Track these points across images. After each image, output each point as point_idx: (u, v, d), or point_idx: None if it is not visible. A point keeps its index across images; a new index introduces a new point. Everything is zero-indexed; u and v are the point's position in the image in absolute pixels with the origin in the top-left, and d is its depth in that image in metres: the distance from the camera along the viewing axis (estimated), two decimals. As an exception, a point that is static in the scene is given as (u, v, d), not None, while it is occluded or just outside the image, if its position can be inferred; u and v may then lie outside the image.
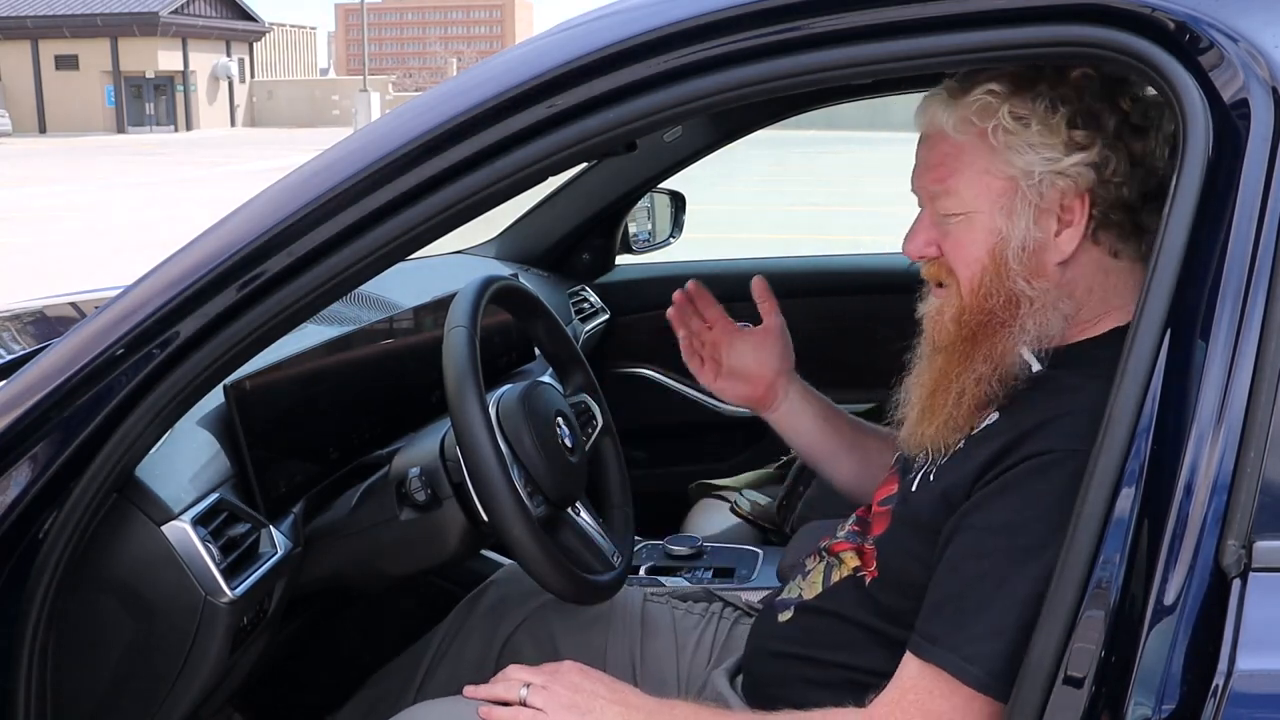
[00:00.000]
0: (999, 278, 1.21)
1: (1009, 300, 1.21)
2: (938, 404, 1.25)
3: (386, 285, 1.90)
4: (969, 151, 1.20)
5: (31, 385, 1.18)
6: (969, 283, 1.23)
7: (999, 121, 1.17)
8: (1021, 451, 1.16)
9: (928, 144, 1.25)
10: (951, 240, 1.24)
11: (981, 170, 1.20)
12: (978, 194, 1.21)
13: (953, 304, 1.25)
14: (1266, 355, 0.92)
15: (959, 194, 1.22)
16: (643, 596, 1.69)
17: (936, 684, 1.14)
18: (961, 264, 1.24)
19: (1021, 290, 1.20)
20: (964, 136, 1.20)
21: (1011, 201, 1.19)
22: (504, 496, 1.41)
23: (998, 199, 1.20)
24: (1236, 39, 0.98)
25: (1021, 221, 1.19)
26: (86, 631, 1.29)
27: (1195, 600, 0.90)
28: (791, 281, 3.11)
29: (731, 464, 2.86)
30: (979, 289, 1.22)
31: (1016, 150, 1.18)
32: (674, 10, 1.09)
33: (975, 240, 1.22)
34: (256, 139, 35.76)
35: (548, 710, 1.30)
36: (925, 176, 1.25)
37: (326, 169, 1.17)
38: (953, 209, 1.23)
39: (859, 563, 1.36)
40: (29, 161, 24.28)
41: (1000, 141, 1.18)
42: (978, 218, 1.21)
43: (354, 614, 2.05)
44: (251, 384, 1.49)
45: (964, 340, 1.23)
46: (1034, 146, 1.17)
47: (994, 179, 1.20)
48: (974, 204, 1.21)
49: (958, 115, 1.20)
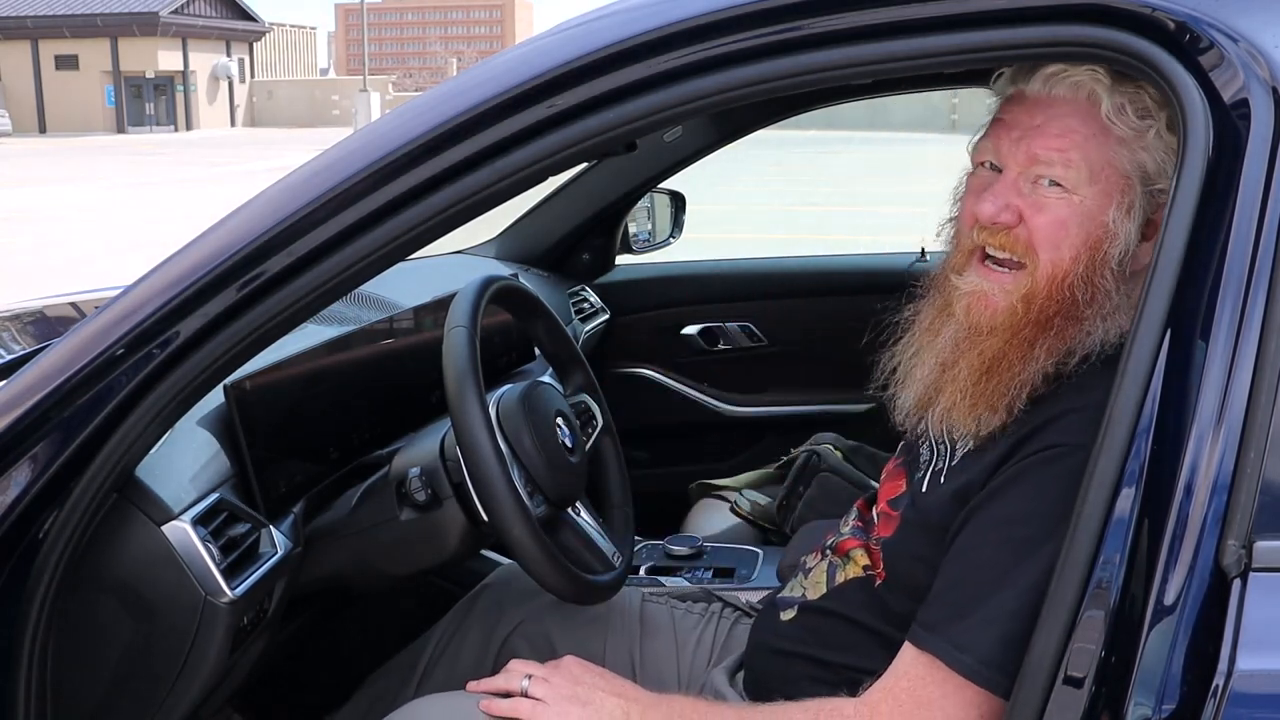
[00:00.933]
0: (1091, 269, 1.17)
1: (1092, 296, 1.17)
2: (986, 390, 1.20)
3: (386, 285, 1.90)
4: (1106, 137, 1.17)
5: (31, 385, 1.18)
6: (1052, 266, 1.18)
7: (1157, 125, 1.16)
8: (1030, 446, 1.16)
9: (1052, 110, 1.19)
10: (1049, 215, 1.18)
11: (1108, 159, 1.17)
12: (1096, 179, 1.17)
13: (1023, 284, 1.19)
14: (1266, 355, 0.92)
15: (1078, 171, 1.17)
16: (641, 596, 1.69)
17: (930, 671, 1.15)
18: (1050, 242, 1.18)
19: (1110, 290, 1.17)
20: (1114, 123, 1.17)
21: (1129, 200, 1.17)
22: (504, 496, 1.41)
23: (1115, 193, 1.17)
24: (1236, 39, 0.98)
25: (1133, 224, 1.17)
26: (86, 631, 1.29)
27: (1195, 600, 0.90)
28: (791, 281, 3.11)
29: (731, 464, 2.86)
30: (1065, 275, 1.17)
31: (1153, 154, 1.17)
32: (674, 10, 1.09)
33: (1077, 223, 1.17)
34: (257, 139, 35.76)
35: (548, 700, 1.31)
36: (1037, 141, 1.19)
37: (326, 169, 1.17)
38: (1066, 180, 1.17)
39: (869, 562, 1.35)
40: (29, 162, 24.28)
41: (1147, 144, 1.16)
42: (1085, 203, 1.17)
43: (354, 614, 2.05)
44: (251, 384, 1.49)
45: (1031, 325, 1.18)
46: (1169, 158, 1.15)
47: (1116, 173, 1.17)
48: (1088, 187, 1.17)
49: (1117, 101, 1.17)
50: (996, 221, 1.20)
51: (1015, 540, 1.13)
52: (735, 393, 3.03)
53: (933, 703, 1.14)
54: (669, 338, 3.01)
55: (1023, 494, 1.15)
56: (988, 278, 1.23)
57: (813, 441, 2.32)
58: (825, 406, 2.93)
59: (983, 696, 1.12)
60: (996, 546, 1.15)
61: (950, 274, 1.26)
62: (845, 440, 2.34)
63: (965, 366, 1.22)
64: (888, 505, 1.35)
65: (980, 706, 1.12)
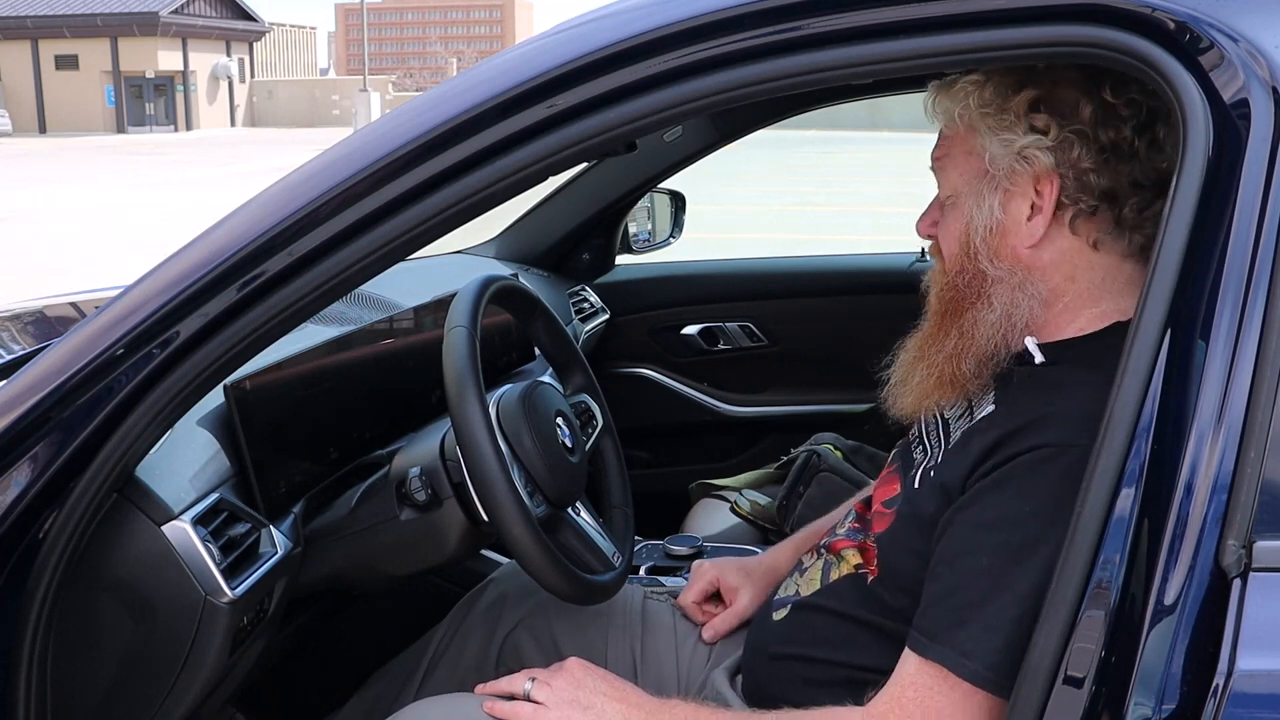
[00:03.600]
0: (967, 257, 1.27)
1: (975, 278, 1.26)
2: (914, 372, 1.32)
3: (386, 285, 1.90)
4: (958, 137, 1.27)
5: (31, 385, 1.18)
6: (948, 260, 1.30)
7: (968, 107, 1.23)
8: (1015, 446, 1.17)
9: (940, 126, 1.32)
10: (944, 221, 1.31)
11: (965, 153, 1.27)
12: (961, 177, 1.27)
13: (939, 280, 1.32)
14: (1266, 355, 0.92)
15: (949, 176, 1.29)
16: (643, 594, 1.69)
17: (935, 681, 1.15)
18: (944, 242, 1.31)
19: (985, 270, 1.25)
20: (952, 125, 1.27)
21: (982, 184, 1.25)
22: (504, 496, 1.41)
23: (974, 181, 1.26)
24: (1236, 39, 0.98)
25: (985, 204, 1.25)
26: (86, 631, 1.29)
27: (1195, 600, 0.90)
28: (791, 281, 3.11)
29: (731, 464, 2.86)
30: (954, 267, 1.29)
31: (982, 134, 1.23)
32: (674, 10, 1.09)
33: (957, 220, 1.28)
34: (257, 139, 35.76)
35: (550, 704, 1.31)
36: (931, 156, 1.32)
37: (326, 169, 1.17)
38: (946, 191, 1.30)
39: (860, 560, 1.36)
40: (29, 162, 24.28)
41: (967, 125, 1.24)
42: (960, 200, 1.27)
43: (354, 614, 2.05)
44: (251, 384, 1.49)
45: (942, 315, 1.30)
46: (995, 130, 1.22)
47: (973, 163, 1.26)
48: (960, 186, 1.27)
49: (943, 106, 1.27)
50: (928, 235, 1.36)
51: (1011, 545, 1.13)
52: (735, 393, 3.03)
53: (941, 710, 1.14)
54: (669, 338, 3.01)
55: (1012, 496, 1.15)
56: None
57: (813, 441, 2.32)
58: (825, 406, 2.93)
59: (991, 702, 1.12)
60: (993, 551, 1.14)
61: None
62: (845, 440, 2.34)
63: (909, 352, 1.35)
64: (882, 505, 1.36)
65: (990, 711, 1.12)
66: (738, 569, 1.65)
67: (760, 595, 1.62)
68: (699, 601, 1.65)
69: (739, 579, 1.64)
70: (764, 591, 1.62)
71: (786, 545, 1.73)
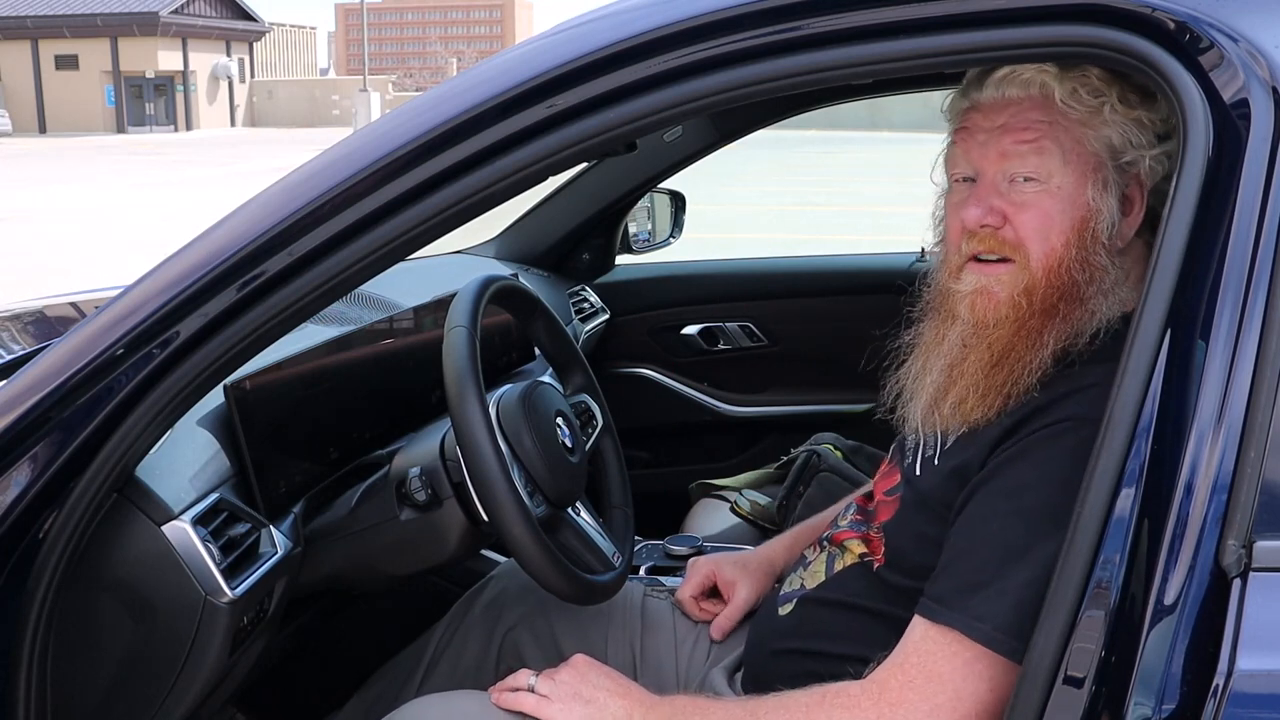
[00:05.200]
0: (1084, 250, 1.20)
1: (1091, 276, 1.20)
2: (998, 380, 1.21)
3: (386, 285, 1.90)
4: (1069, 122, 1.20)
5: (31, 385, 1.18)
6: (1045, 257, 1.20)
7: (1109, 100, 1.19)
8: (1036, 423, 1.17)
9: (1011, 109, 1.23)
10: (1033, 210, 1.21)
11: (1076, 140, 1.20)
12: (1068, 164, 1.20)
13: (1020, 279, 1.21)
14: (1266, 355, 0.92)
15: (1050, 160, 1.21)
16: (643, 591, 1.70)
17: (942, 645, 1.15)
18: (1038, 235, 1.20)
19: (1105, 267, 1.20)
20: (1071, 107, 1.20)
21: (1103, 176, 1.20)
22: (504, 496, 1.41)
23: (1091, 172, 1.20)
24: (1236, 39, 0.98)
25: (1111, 199, 1.20)
26: (86, 631, 1.29)
27: (1195, 600, 0.90)
28: (791, 281, 3.11)
29: (731, 464, 2.86)
30: (1059, 263, 1.20)
31: (1115, 129, 1.19)
32: (674, 10, 1.09)
33: (1062, 210, 1.20)
34: (257, 139, 35.76)
35: (553, 697, 1.32)
36: (1003, 140, 1.23)
37: (326, 169, 1.17)
38: (1038, 173, 1.21)
39: (865, 549, 1.36)
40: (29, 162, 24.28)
41: (1105, 119, 1.19)
42: (1064, 189, 1.20)
43: (354, 614, 2.05)
44: (251, 384, 1.49)
45: (1037, 314, 1.21)
46: (1130, 129, 1.19)
47: (1087, 153, 1.20)
48: (1062, 173, 1.20)
49: (1068, 86, 1.20)
50: (984, 224, 1.23)
51: (1024, 511, 1.14)
52: (735, 393, 3.03)
53: (944, 676, 1.14)
54: (669, 338, 3.01)
55: (1029, 467, 1.16)
56: (984, 273, 1.25)
57: (813, 441, 2.32)
58: (825, 406, 2.93)
59: (995, 667, 1.12)
60: (1005, 518, 1.15)
61: (948, 284, 1.29)
62: (845, 440, 2.34)
63: (974, 361, 1.24)
64: (884, 495, 1.37)
65: (993, 678, 1.12)
66: (733, 563, 1.65)
67: (758, 587, 1.62)
68: (695, 596, 1.65)
69: (735, 572, 1.64)
70: (761, 584, 1.62)
71: (783, 538, 1.73)
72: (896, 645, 1.20)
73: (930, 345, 1.30)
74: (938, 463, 1.27)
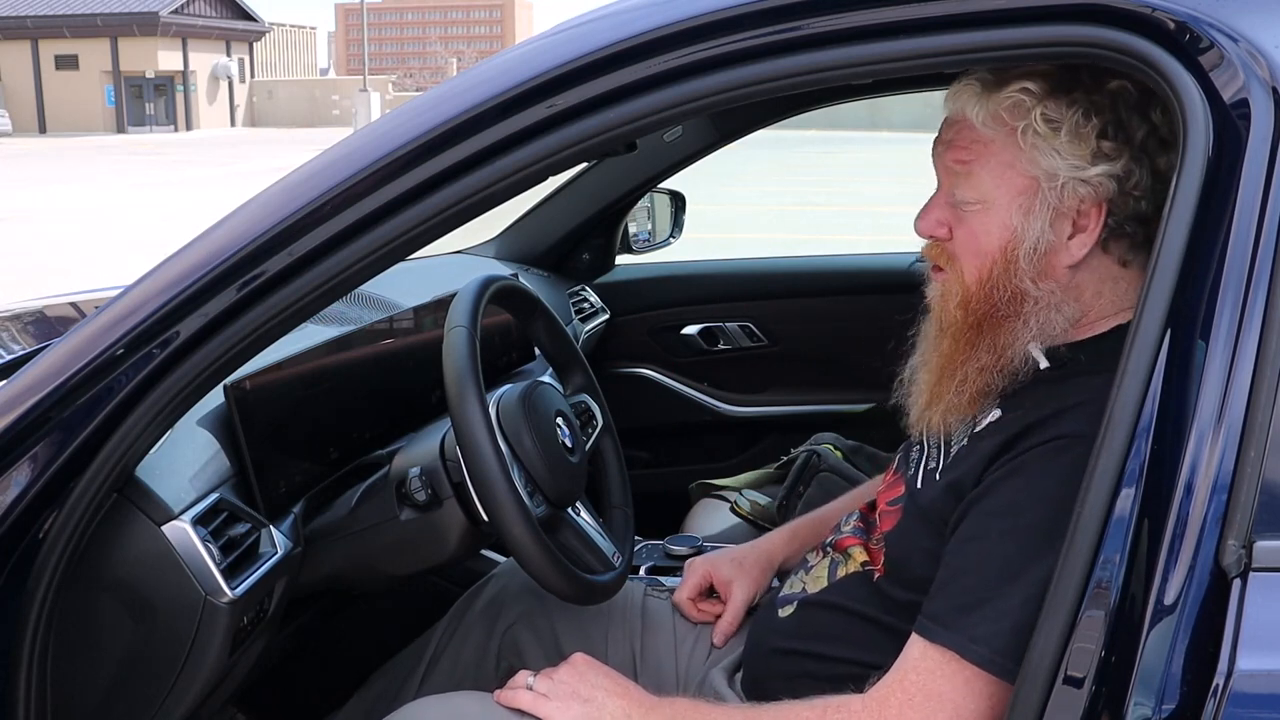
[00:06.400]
0: (1007, 274, 1.21)
1: (1014, 296, 1.22)
2: (943, 389, 1.26)
3: (386, 285, 1.90)
4: (996, 145, 1.21)
5: (31, 385, 1.18)
6: (976, 273, 1.23)
7: (1030, 123, 1.17)
8: (1031, 439, 1.17)
9: (954, 127, 1.25)
10: (965, 227, 1.24)
11: (1006, 164, 1.20)
12: (998, 186, 1.21)
13: (955, 291, 1.25)
14: (1266, 355, 0.92)
15: (980, 182, 1.22)
16: (643, 591, 1.70)
17: (940, 664, 1.15)
18: (970, 253, 1.24)
19: (1027, 289, 1.21)
20: (992, 131, 1.20)
21: (1031, 201, 1.20)
22: (504, 496, 1.41)
23: (1017, 196, 1.20)
24: (1236, 39, 0.98)
25: (1038, 222, 1.19)
26: (86, 631, 1.29)
27: (1195, 600, 0.90)
28: (791, 281, 3.11)
29: (731, 464, 2.86)
30: (985, 280, 1.23)
31: (1043, 153, 1.18)
32: (674, 10, 1.09)
33: (989, 231, 1.22)
34: (257, 139, 35.75)
35: (551, 695, 1.32)
36: (947, 155, 1.25)
37: (326, 169, 1.17)
38: (971, 196, 1.23)
39: (867, 558, 1.36)
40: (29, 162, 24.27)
41: (1029, 142, 1.18)
42: (995, 210, 1.21)
43: (354, 614, 2.05)
44: (251, 384, 1.49)
45: (969, 328, 1.24)
46: (1061, 152, 1.17)
47: (1017, 176, 1.20)
48: (993, 195, 1.21)
49: (989, 110, 1.20)
50: (931, 235, 1.28)
51: (1020, 530, 1.14)
52: (735, 393, 3.03)
53: (943, 695, 1.14)
54: (669, 338, 3.01)
55: (1024, 484, 1.16)
56: (937, 279, 1.29)
57: (813, 441, 2.32)
58: (825, 406, 2.93)
59: (993, 685, 1.12)
60: (1001, 536, 1.15)
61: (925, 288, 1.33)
62: (845, 440, 2.34)
63: (932, 367, 1.29)
64: (887, 505, 1.36)
65: (992, 696, 1.13)
66: (729, 561, 1.65)
67: (755, 585, 1.62)
68: (692, 598, 1.65)
69: (732, 570, 1.63)
70: (759, 580, 1.62)
71: (781, 532, 1.72)
72: (896, 659, 1.20)
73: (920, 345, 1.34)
74: (939, 477, 1.28)
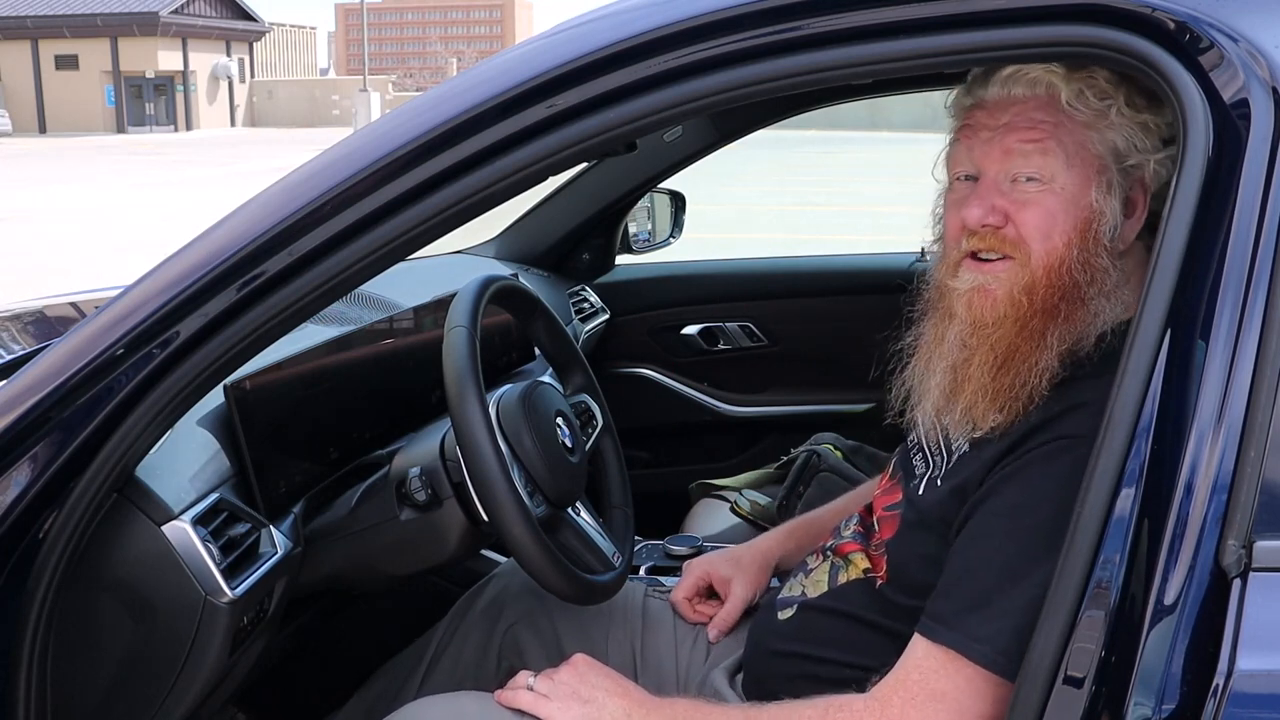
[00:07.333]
0: (1086, 251, 1.19)
1: (1092, 278, 1.19)
2: (1005, 383, 1.20)
3: (386, 285, 1.90)
4: (1072, 123, 1.20)
5: (31, 385, 1.18)
6: (1048, 255, 1.19)
7: (1116, 103, 1.18)
8: (1034, 440, 1.17)
9: (1016, 108, 1.22)
10: (1033, 208, 1.20)
11: (1080, 142, 1.20)
12: (1073, 165, 1.20)
13: (1021, 277, 1.20)
14: (1266, 355, 0.92)
15: (1052, 161, 1.20)
16: (644, 591, 1.70)
17: (943, 664, 1.15)
18: (1040, 234, 1.20)
19: (1106, 269, 1.19)
20: (1077, 109, 1.19)
21: (1105, 178, 1.19)
22: (504, 496, 1.41)
23: (1095, 175, 1.19)
24: (1236, 39, 0.98)
25: (1111, 202, 1.19)
26: (86, 631, 1.29)
27: (1195, 600, 0.90)
28: (791, 281, 3.11)
29: (731, 464, 2.86)
30: (1060, 262, 1.19)
31: (1120, 132, 1.19)
32: (674, 10, 1.09)
33: (1063, 209, 1.20)
34: (257, 139, 35.75)
35: (551, 696, 1.32)
36: (1009, 137, 1.22)
37: (326, 169, 1.17)
38: (1041, 173, 1.20)
39: (869, 564, 1.36)
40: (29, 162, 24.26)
41: (1112, 120, 1.19)
42: (1067, 190, 1.20)
43: (354, 614, 2.05)
44: (251, 384, 1.49)
45: (1038, 315, 1.20)
46: (1135, 133, 1.18)
47: (1090, 154, 1.19)
48: (1066, 175, 1.20)
49: (1075, 88, 1.19)
50: (985, 224, 1.22)
51: (1023, 531, 1.14)
52: (735, 393, 3.03)
53: (946, 694, 1.14)
54: (669, 338, 3.01)
55: (1027, 485, 1.16)
56: (982, 270, 1.24)
57: (813, 441, 2.32)
58: (825, 406, 2.93)
59: (996, 685, 1.12)
60: (1004, 537, 1.15)
61: (946, 281, 1.28)
62: (845, 440, 2.34)
63: (979, 363, 1.23)
64: (884, 510, 1.36)
65: (994, 696, 1.13)
66: (727, 560, 1.65)
67: (753, 584, 1.62)
68: (690, 598, 1.65)
69: (730, 569, 1.63)
70: (757, 579, 1.62)
71: (778, 532, 1.72)
72: (898, 660, 1.20)
73: (931, 345, 1.29)
74: (940, 483, 1.27)
